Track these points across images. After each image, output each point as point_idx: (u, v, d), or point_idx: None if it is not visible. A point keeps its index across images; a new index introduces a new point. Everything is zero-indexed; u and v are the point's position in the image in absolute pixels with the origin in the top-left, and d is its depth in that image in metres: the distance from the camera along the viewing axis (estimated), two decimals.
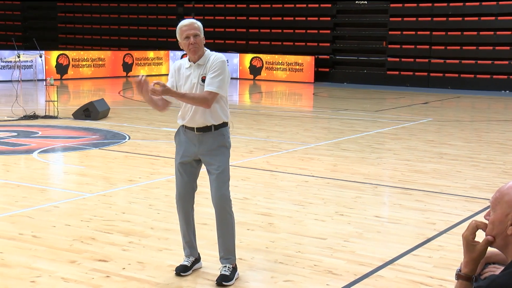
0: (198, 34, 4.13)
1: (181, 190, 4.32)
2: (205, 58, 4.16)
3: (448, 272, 4.40)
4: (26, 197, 6.22)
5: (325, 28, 24.56)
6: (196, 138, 4.19)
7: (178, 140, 4.32)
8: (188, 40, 4.10)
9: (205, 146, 4.19)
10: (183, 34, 4.12)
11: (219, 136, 4.20)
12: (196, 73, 4.15)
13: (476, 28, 21.81)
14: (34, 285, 4.06)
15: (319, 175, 7.56)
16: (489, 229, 2.00)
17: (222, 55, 4.21)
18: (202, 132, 4.17)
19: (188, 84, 4.16)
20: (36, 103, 14.09)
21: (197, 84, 4.13)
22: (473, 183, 7.32)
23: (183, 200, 4.33)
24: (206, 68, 4.14)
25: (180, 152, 4.28)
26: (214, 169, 4.19)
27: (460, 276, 2.04)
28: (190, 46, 4.10)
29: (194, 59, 4.16)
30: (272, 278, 4.29)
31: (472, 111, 16.20)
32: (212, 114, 4.15)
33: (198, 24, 4.17)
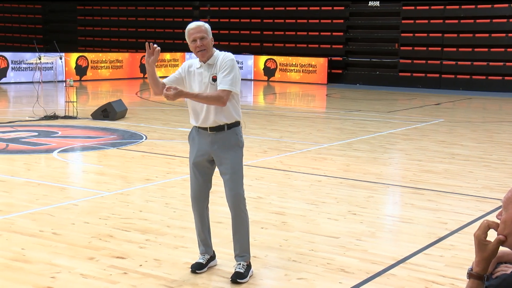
0: (205, 36, 4.11)
1: (195, 189, 4.32)
2: (215, 58, 4.15)
3: (459, 271, 4.37)
4: (47, 195, 6.28)
5: (338, 30, 24.50)
6: (210, 138, 4.18)
7: (191, 140, 4.31)
8: (195, 43, 4.10)
9: (219, 146, 4.17)
10: (191, 37, 4.13)
11: (232, 135, 4.19)
12: (206, 73, 4.14)
13: (488, 30, 21.63)
14: (54, 281, 4.09)
15: (332, 174, 7.54)
16: (501, 228, 1.99)
17: (230, 54, 4.20)
18: (215, 132, 4.16)
19: (198, 83, 4.16)
20: (56, 104, 14.21)
21: (208, 84, 4.13)
22: (484, 183, 7.26)
23: (197, 199, 4.33)
24: (216, 68, 4.13)
25: (193, 152, 4.27)
26: (227, 169, 4.18)
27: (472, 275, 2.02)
28: (198, 49, 4.11)
29: (203, 60, 4.16)
30: (285, 275, 4.29)
31: (484, 112, 16.06)
32: (225, 113, 4.14)
33: (205, 27, 4.15)
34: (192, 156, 4.28)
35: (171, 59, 25.59)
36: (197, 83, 4.16)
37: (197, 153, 4.24)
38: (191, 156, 4.29)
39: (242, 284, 4.12)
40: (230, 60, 4.12)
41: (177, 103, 16.37)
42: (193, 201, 4.36)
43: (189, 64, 4.25)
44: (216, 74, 4.12)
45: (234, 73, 4.08)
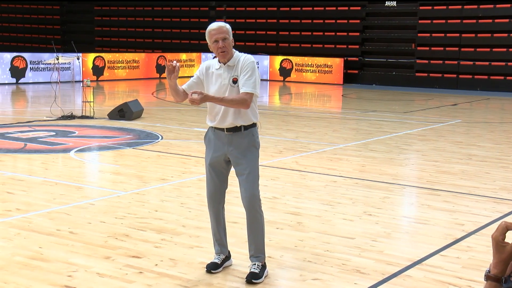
0: (227, 37, 4.11)
1: (212, 190, 4.31)
2: (235, 60, 4.14)
3: (476, 273, 4.33)
4: (64, 194, 6.33)
5: (354, 31, 24.40)
6: (226, 139, 4.18)
7: (207, 141, 4.31)
8: (217, 44, 4.09)
9: (235, 146, 4.17)
10: (212, 38, 4.11)
11: (248, 136, 4.19)
12: (226, 74, 4.13)
13: (507, 30, 21.41)
14: (71, 279, 4.13)
15: (348, 175, 7.51)
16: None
17: (251, 56, 4.20)
18: (232, 133, 4.16)
19: (217, 84, 4.14)
20: (73, 104, 14.32)
21: (228, 86, 4.12)
22: (502, 185, 7.19)
23: (214, 199, 4.34)
24: (237, 70, 4.13)
25: (210, 153, 4.27)
26: (243, 169, 4.18)
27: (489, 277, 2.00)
28: (219, 50, 4.09)
29: (224, 61, 4.15)
30: (300, 276, 4.28)
31: (502, 112, 15.89)
32: (242, 115, 4.14)
33: (226, 28, 4.15)
34: (208, 156, 4.28)
35: (187, 59, 25.68)
36: (216, 84, 4.15)
37: (213, 153, 4.24)
38: (207, 156, 4.30)
39: (257, 284, 4.12)
40: (251, 62, 4.12)
41: None
42: (209, 201, 4.37)
43: (206, 65, 4.24)
44: (237, 77, 4.11)
45: (255, 76, 4.10)
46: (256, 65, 4.18)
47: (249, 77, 4.07)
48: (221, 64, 4.16)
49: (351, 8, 24.54)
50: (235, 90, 4.11)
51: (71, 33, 30.09)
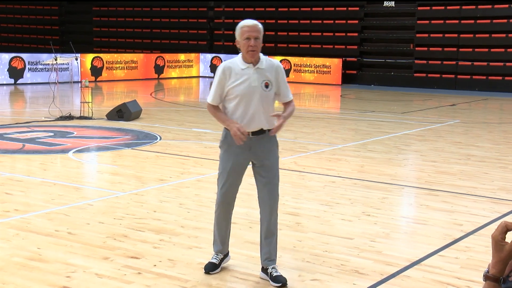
0: (259, 37, 4.01)
1: (231, 194, 4.20)
2: (262, 63, 4.04)
3: (475, 273, 4.33)
4: (62, 195, 6.32)
5: (352, 31, 24.42)
6: (250, 142, 4.07)
7: (227, 145, 4.13)
8: (249, 41, 3.97)
9: (259, 149, 4.10)
10: (244, 34, 3.99)
11: (272, 137, 4.16)
12: (256, 76, 4.01)
13: (505, 30, 21.44)
14: (69, 280, 4.12)
15: (346, 175, 7.51)
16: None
17: (279, 62, 4.19)
18: (256, 136, 4.08)
19: (245, 85, 4.00)
20: (71, 104, 14.32)
21: (260, 89, 4.01)
22: (501, 185, 7.19)
23: (230, 203, 4.23)
24: (269, 75, 4.04)
25: (231, 157, 4.12)
26: (268, 171, 4.12)
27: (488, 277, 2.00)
28: (249, 48, 3.97)
29: (251, 61, 4.03)
30: (299, 276, 4.28)
31: (500, 113, 15.91)
32: (269, 119, 4.09)
33: (260, 27, 4.05)
34: (230, 161, 4.12)
35: (185, 59, 25.67)
36: (243, 84, 4.00)
37: (235, 158, 4.11)
38: (228, 161, 4.13)
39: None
40: (283, 69, 4.17)
41: (193, 103, 16.43)
42: (225, 204, 4.23)
43: (227, 67, 4.05)
44: (269, 82, 4.04)
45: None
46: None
47: (287, 85, 4.17)
48: (249, 65, 4.03)
49: (349, 9, 24.55)
50: (267, 95, 4.04)
51: (69, 33, 30.08)
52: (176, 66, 25.25)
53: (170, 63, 24.97)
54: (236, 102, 4.04)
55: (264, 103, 4.06)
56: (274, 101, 4.17)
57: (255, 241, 4.90)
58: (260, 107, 4.05)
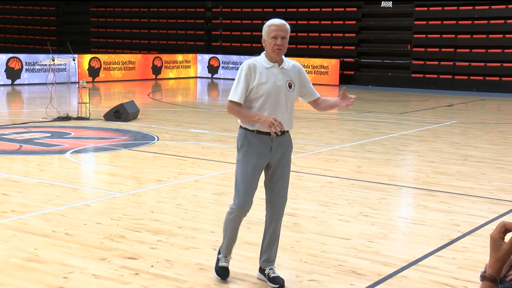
0: (286, 37, 3.96)
1: (249, 198, 4.03)
2: (286, 63, 4.03)
3: (472, 273, 4.34)
4: (60, 195, 6.31)
5: (350, 32, 24.44)
6: (271, 143, 3.98)
7: (248, 145, 4.00)
8: (275, 40, 3.92)
9: (280, 150, 4.03)
10: (272, 33, 3.94)
11: (289, 139, 4.15)
12: (281, 76, 3.98)
13: (502, 31, 21.48)
14: (66, 281, 4.11)
15: (344, 176, 7.51)
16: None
17: (298, 63, 4.18)
18: (277, 136, 3.98)
19: (270, 83, 3.95)
20: (69, 105, 14.30)
21: (284, 88, 3.97)
22: (498, 185, 7.20)
23: (248, 206, 4.07)
24: (293, 75, 4.02)
25: (253, 159, 3.98)
26: (283, 173, 4.09)
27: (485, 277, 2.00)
28: (276, 47, 3.92)
29: (276, 60, 3.99)
30: (297, 277, 4.28)
31: (498, 113, 15.93)
32: (290, 120, 4.06)
33: (288, 27, 4.00)
34: (252, 162, 3.98)
35: (183, 60, 25.67)
36: (268, 83, 3.95)
37: (258, 159, 3.99)
38: (249, 162, 3.98)
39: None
40: (304, 70, 4.18)
41: (190, 104, 16.42)
42: (243, 211, 4.06)
43: (251, 65, 3.97)
44: (292, 82, 4.01)
45: None
46: None
47: (311, 83, 4.18)
48: (274, 64, 3.99)
49: (347, 9, 24.58)
50: (291, 95, 4.00)
51: (67, 34, 30.05)
52: (173, 66, 25.24)
53: (168, 64, 24.96)
54: (262, 101, 3.95)
55: (288, 104, 4.02)
56: (294, 103, 4.13)
57: (253, 242, 4.90)
58: (284, 107, 4.00)
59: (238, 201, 4.05)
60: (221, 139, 10.16)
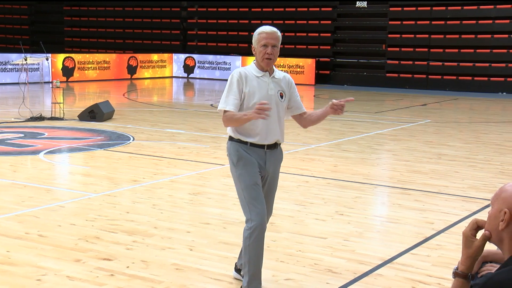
0: (277, 45, 3.84)
1: (263, 207, 3.78)
2: (276, 73, 3.92)
3: (446, 270, 4.40)
4: (33, 197, 6.23)
5: (326, 31, 24.56)
6: (264, 156, 3.86)
7: (244, 158, 3.82)
8: (265, 49, 3.79)
9: (272, 163, 3.92)
10: (262, 41, 3.81)
11: (281, 151, 4.02)
12: (272, 85, 3.86)
13: (474, 31, 21.80)
14: (40, 283, 4.06)
15: (320, 175, 7.55)
16: (486, 224, 2.01)
17: (288, 74, 4.06)
18: (270, 149, 3.88)
19: (262, 93, 3.80)
20: (42, 105, 14.11)
21: (276, 98, 3.84)
22: (471, 183, 7.31)
23: (265, 218, 3.81)
24: (284, 86, 3.91)
25: (251, 171, 3.79)
26: (274, 184, 4.00)
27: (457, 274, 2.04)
28: (265, 56, 3.79)
29: (266, 69, 3.87)
30: (273, 276, 4.29)
31: (470, 112, 16.18)
32: (281, 131, 3.94)
33: (279, 35, 3.87)
34: (252, 173, 3.79)
35: (158, 60, 25.52)
36: (261, 92, 3.81)
37: (255, 172, 3.81)
38: (251, 174, 3.79)
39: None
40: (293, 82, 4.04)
41: (166, 104, 16.34)
42: (262, 227, 3.74)
43: (242, 74, 3.83)
44: (283, 92, 3.89)
45: None
46: None
47: (298, 96, 4.04)
48: (265, 73, 3.87)
49: (322, 9, 24.70)
50: (282, 105, 3.88)
51: (40, 33, 29.64)
52: (149, 66, 25.08)
53: (143, 63, 24.80)
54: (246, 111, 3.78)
55: (279, 114, 3.88)
56: (284, 114, 3.98)
57: (229, 242, 4.90)
58: (276, 117, 3.86)
59: (256, 220, 3.73)
60: (197, 139, 10.12)
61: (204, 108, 15.09)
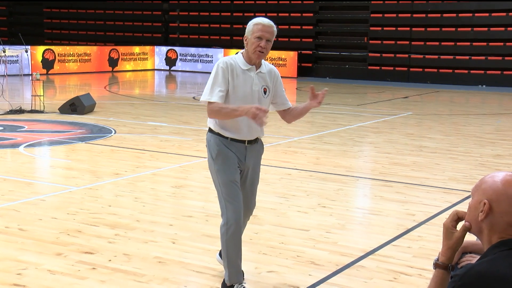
0: (271, 39, 3.70)
1: (240, 203, 3.75)
2: (263, 67, 3.81)
3: (427, 261, 4.44)
4: (13, 190, 6.16)
5: (308, 24, 24.57)
6: (245, 151, 3.80)
7: (224, 153, 3.75)
8: (259, 41, 3.65)
9: (253, 157, 3.87)
10: (257, 32, 3.66)
11: (261, 145, 3.97)
12: (257, 80, 3.75)
13: (455, 24, 21.97)
14: (20, 277, 4.02)
15: (302, 168, 7.57)
16: (466, 215, 2.03)
17: (275, 67, 3.95)
18: (251, 144, 3.83)
19: (247, 88, 3.71)
20: (22, 98, 13.95)
21: (260, 93, 3.75)
22: (451, 175, 7.38)
23: (242, 213, 3.78)
24: (269, 80, 3.81)
25: (230, 167, 3.74)
26: (256, 179, 3.97)
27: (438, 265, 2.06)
28: (258, 49, 3.65)
29: (254, 63, 3.75)
30: (256, 269, 4.30)
31: (451, 105, 16.32)
32: (262, 127, 3.85)
33: (275, 29, 3.74)
34: (229, 171, 3.73)
35: (140, 52, 25.34)
36: (246, 86, 3.71)
37: (234, 167, 3.76)
38: (227, 172, 3.73)
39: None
40: (280, 76, 3.92)
41: (148, 96, 16.24)
42: (238, 223, 3.73)
43: (228, 63, 3.70)
44: (267, 87, 3.79)
45: None
46: None
47: (283, 92, 3.94)
48: (251, 66, 3.74)
49: (304, 2, 24.70)
50: (265, 101, 3.79)
51: (18, 25, 29.23)
52: (130, 59, 24.90)
53: (125, 56, 24.60)
54: (236, 105, 3.67)
55: None
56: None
57: (212, 234, 4.89)
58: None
59: (231, 215, 3.71)
60: (179, 132, 10.09)
61: (186, 101, 15.03)
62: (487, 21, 21.47)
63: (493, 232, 1.93)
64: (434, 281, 2.04)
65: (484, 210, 1.93)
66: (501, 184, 1.93)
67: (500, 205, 1.92)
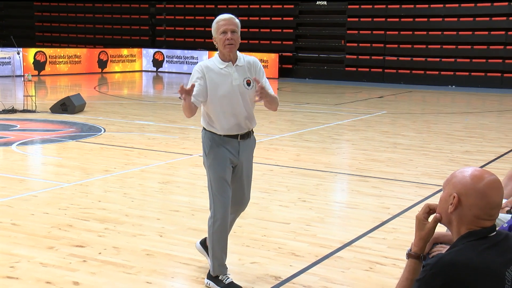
0: (236, 30, 3.62)
1: (228, 205, 3.69)
2: (240, 60, 3.68)
3: (401, 252, 4.48)
4: (5, 187, 6.09)
5: (288, 28, 24.61)
6: (238, 146, 3.71)
7: (216, 149, 3.67)
8: (225, 35, 3.58)
9: (246, 152, 3.78)
10: (220, 28, 3.61)
11: (253, 139, 3.87)
12: (237, 75, 3.64)
13: (426, 28, 22.15)
14: (13, 270, 3.98)
15: (284, 164, 7.59)
16: (437, 207, 2.05)
17: (255, 58, 3.82)
18: (243, 139, 3.74)
19: (227, 85, 3.61)
20: (14, 98, 13.78)
21: (241, 87, 3.64)
22: (423, 171, 7.45)
23: (228, 216, 3.71)
24: (250, 72, 3.68)
25: (221, 164, 3.66)
26: (249, 173, 3.83)
27: (410, 255, 2.08)
28: (226, 42, 3.58)
29: (229, 58, 3.65)
30: (239, 260, 4.30)
31: (423, 104, 16.45)
32: (251, 119, 3.76)
33: (237, 21, 3.67)
34: (223, 165, 3.66)
35: (128, 54, 25.17)
36: (225, 84, 3.61)
37: (226, 164, 3.68)
38: (221, 165, 3.66)
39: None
40: (261, 65, 3.78)
41: (136, 96, 16.13)
42: (226, 218, 3.67)
43: (204, 65, 3.64)
44: (250, 79, 3.67)
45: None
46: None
47: (268, 81, 3.79)
48: (228, 63, 3.65)
49: (285, 6, 24.72)
50: (249, 93, 3.67)
51: (10, 28, 28.85)
52: (119, 60, 24.72)
53: (113, 58, 24.41)
54: (218, 103, 3.61)
55: (246, 103, 3.69)
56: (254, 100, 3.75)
57: (197, 228, 4.88)
58: (243, 107, 3.67)
59: (220, 210, 3.66)
60: (166, 130, 10.04)
61: (172, 101, 14.96)
62: (455, 25, 21.69)
63: (462, 223, 1.96)
64: (407, 270, 2.06)
65: (454, 203, 1.96)
66: (470, 178, 1.95)
67: (468, 198, 1.94)
